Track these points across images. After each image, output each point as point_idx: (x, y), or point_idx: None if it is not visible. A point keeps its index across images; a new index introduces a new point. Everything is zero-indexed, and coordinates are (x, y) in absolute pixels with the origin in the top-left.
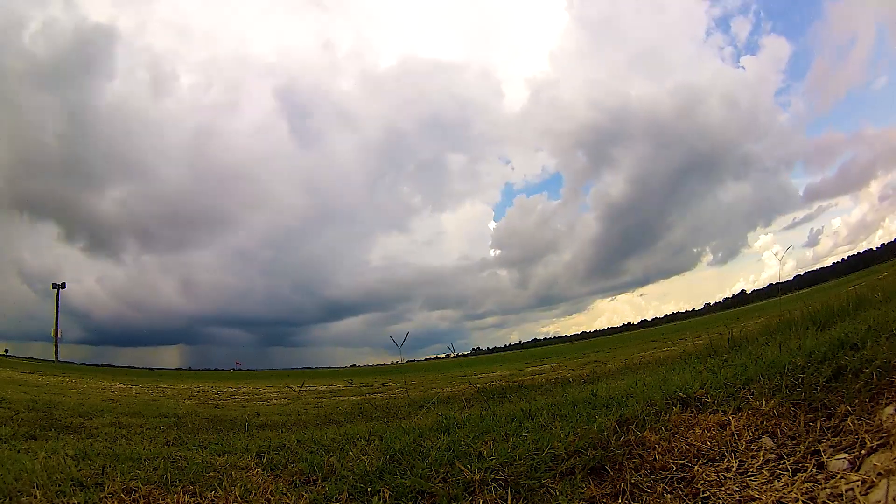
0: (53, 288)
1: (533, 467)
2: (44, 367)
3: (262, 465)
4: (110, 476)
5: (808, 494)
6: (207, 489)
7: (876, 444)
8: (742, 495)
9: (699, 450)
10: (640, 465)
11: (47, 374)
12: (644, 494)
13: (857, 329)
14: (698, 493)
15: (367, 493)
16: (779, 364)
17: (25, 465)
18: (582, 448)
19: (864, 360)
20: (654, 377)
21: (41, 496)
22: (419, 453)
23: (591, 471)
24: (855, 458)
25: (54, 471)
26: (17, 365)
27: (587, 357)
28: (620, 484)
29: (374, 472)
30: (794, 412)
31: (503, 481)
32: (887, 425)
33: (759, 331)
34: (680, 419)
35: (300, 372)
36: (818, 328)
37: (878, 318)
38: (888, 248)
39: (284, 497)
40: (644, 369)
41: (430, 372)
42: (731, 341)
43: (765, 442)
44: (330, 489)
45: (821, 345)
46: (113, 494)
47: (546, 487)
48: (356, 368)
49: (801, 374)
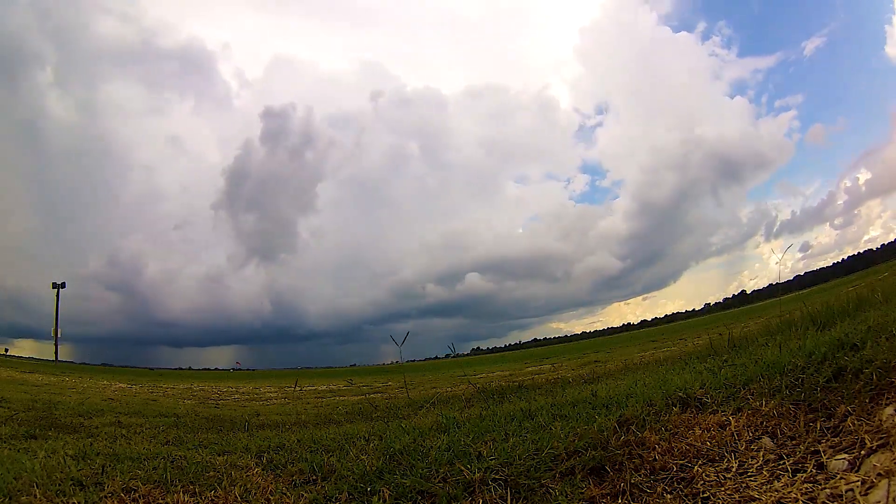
0: (53, 287)
1: (533, 467)
2: (43, 367)
3: (262, 464)
4: (110, 475)
5: (808, 495)
6: (207, 489)
7: (876, 445)
8: (742, 495)
9: (699, 450)
10: (640, 465)
11: (47, 373)
12: (644, 494)
13: (857, 329)
14: (698, 493)
15: (367, 493)
16: (779, 364)
17: (25, 464)
18: (582, 448)
19: (864, 360)
20: (654, 377)
21: (41, 495)
22: (419, 453)
23: (591, 471)
24: (855, 458)
25: (54, 470)
26: (16, 364)
27: (587, 357)
28: (620, 484)
29: (374, 471)
30: (794, 412)
31: (503, 481)
32: (887, 425)
33: (759, 331)
34: (680, 419)
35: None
36: (818, 328)
37: (878, 319)
38: (888, 248)
39: (284, 497)
40: (644, 369)
41: (430, 372)
42: (731, 341)
43: (765, 442)
44: (330, 489)
45: (821, 345)
46: (113, 494)
47: (546, 487)
48: (356, 368)
49: (801, 374)
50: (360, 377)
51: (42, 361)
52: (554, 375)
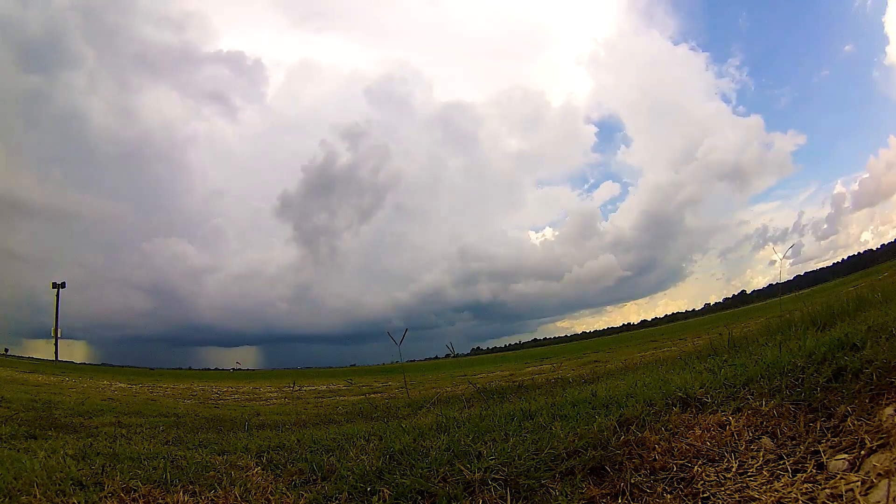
0: (53, 287)
1: (533, 467)
2: (43, 367)
3: (262, 464)
4: (110, 475)
5: (808, 495)
6: (207, 489)
7: (876, 445)
8: (742, 496)
9: (699, 450)
10: (640, 465)
11: (47, 373)
12: (644, 495)
13: (857, 329)
14: (698, 493)
15: (366, 493)
16: (779, 364)
17: (25, 464)
18: (582, 448)
19: (864, 360)
20: (654, 377)
21: (41, 495)
22: (419, 453)
23: (591, 471)
24: (855, 458)
25: (54, 470)
26: (16, 364)
27: (587, 357)
28: (620, 484)
29: (374, 472)
30: (794, 412)
31: (503, 481)
32: (887, 425)
33: (759, 331)
34: (680, 419)
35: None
36: (818, 328)
37: (878, 319)
38: (888, 249)
39: (284, 497)
40: (644, 369)
41: (430, 372)
42: (731, 341)
43: (765, 442)
44: (330, 489)
45: (821, 345)
46: (113, 494)
47: (546, 487)
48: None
49: (801, 374)
50: (360, 377)
51: (42, 361)
52: (554, 375)
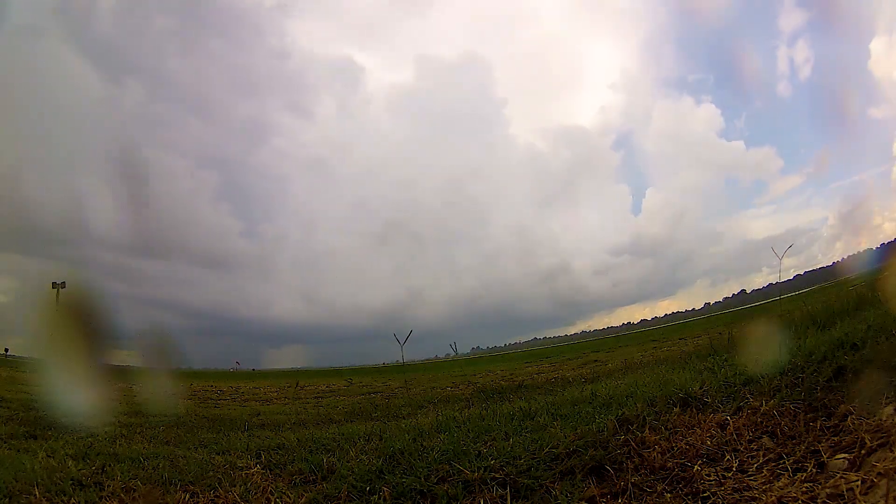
0: (53, 287)
1: (533, 466)
2: None
3: (262, 464)
4: (110, 475)
5: (808, 494)
6: (207, 488)
7: (876, 444)
8: (742, 495)
9: (699, 450)
10: (640, 464)
11: None
12: (644, 494)
13: (857, 329)
14: (698, 492)
15: (366, 493)
16: (779, 364)
17: (25, 464)
18: (582, 447)
19: (864, 360)
20: (654, 377)
21: (41, 495)
22: (419, 453)
23: (591, 470)
24: (855, 458)
25: (54, 470)
26: (16, 364)
27: (587, 357)
28: (620, 483)
29: (374, 471)
30: (794, 412)
31: (503, 481)
32: (887, 425)
33: (759, 331)
34: (680, 419)
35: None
36: (818, 328)
37: (878, 319)
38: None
39: (284, 496)
40: (644, 369)
41: (431, 371)
42: (731, 341)
43: (765, 442)
44: (330, 488)
45: (821, 345)
46: (113, 494)
47: (546, 487)
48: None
49: (801, 374)
50: (359, 377)
51: None
52: (554, 375)
